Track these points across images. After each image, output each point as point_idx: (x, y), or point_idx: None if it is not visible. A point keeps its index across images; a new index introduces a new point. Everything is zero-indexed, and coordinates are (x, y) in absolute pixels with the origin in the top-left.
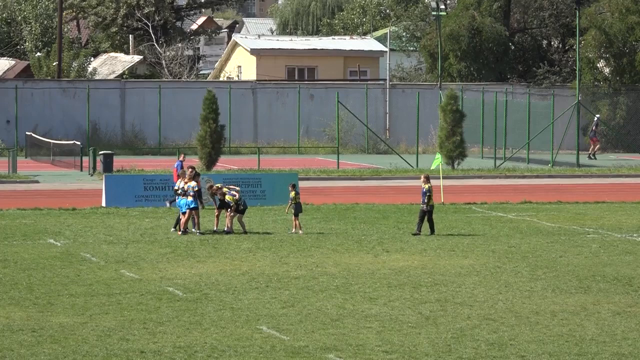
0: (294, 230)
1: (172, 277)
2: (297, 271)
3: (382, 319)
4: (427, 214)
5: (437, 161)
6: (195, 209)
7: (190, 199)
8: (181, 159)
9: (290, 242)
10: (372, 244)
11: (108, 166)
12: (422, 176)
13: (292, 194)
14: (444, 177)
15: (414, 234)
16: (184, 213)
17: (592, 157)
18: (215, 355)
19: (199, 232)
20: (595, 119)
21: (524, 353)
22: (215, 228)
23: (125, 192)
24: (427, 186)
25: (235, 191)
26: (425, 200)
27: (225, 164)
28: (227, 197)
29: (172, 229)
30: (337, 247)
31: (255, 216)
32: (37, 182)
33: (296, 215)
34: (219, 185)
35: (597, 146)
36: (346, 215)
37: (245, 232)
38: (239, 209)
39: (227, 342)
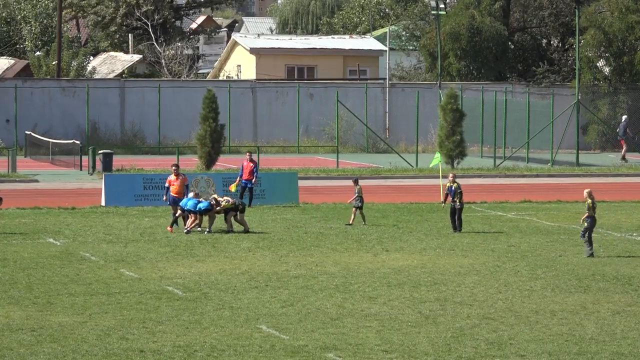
0: (354, 222)
1: (171, 277)
2: (297, 270)
3: (382, 318)
4: (457, 212)
5: (437, 160)
6: (206, 211)
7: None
8: (248, 157)
9: (289, 241)
10: (372, 243)
11: (107, 165)
12: (450, 175)
13: (357, 188)
14: (443, 177)
15: (454, 232)
16: (190, 212)
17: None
18: (215, 354)
19: (207, 231)
20: (623, 119)
21: (523, 352)
22: (209, 229)
23: (125, 192)
24: (456, 184)
25: (226, 200)
26: (456, 199)
27: (224, 163)
28: (224, 204)
29: (186, 230)
30: (337, 247)
31: (255, 215)
32: (36, 181)
33: (359, 207)
34: (216, 200)
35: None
36: (346, 215)
37: (247, 231)
38: (239, 209)
39: (227, 342)
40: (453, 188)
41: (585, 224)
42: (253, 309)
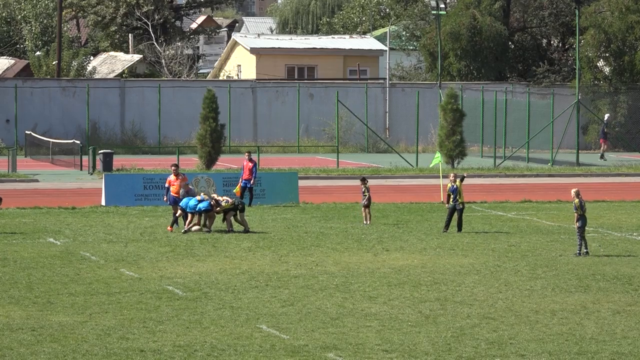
0: (366, 222)
1: (171, 276)
2: (297, 270)
3: (382, 318)
4: (458, 212)
5: (437, 160)
6: (205, 211)
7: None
8: (247, 157)
9: (290, 240)
10: (372, 242)
11: (108, 165)
12: (452, 175)
13: (364, 187)
14: (443, 176)
15: (443, 232)
16: (192, 213)
17: (602, 159)
18: (215, 354)
19: (207, 230)
20: (605, 117)
21: (523, 352)
22: (208, 229)
23: (125, 191)
24: (457, 184)
25: (225, 200)
26: (457, 198)
27: (225, 163)
28: (223, 204)
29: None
30: (337, 246)
31: (255, 215)
32: (36, 181)
33: (366, 206)
34: (216, 200)
35: (603, 147)
36: (346, 214)
37: (248, 231)
38: (238, 208)
39: (227, 341)
40: (455, 187)
41: (578, 224)
42: (253, 309)
